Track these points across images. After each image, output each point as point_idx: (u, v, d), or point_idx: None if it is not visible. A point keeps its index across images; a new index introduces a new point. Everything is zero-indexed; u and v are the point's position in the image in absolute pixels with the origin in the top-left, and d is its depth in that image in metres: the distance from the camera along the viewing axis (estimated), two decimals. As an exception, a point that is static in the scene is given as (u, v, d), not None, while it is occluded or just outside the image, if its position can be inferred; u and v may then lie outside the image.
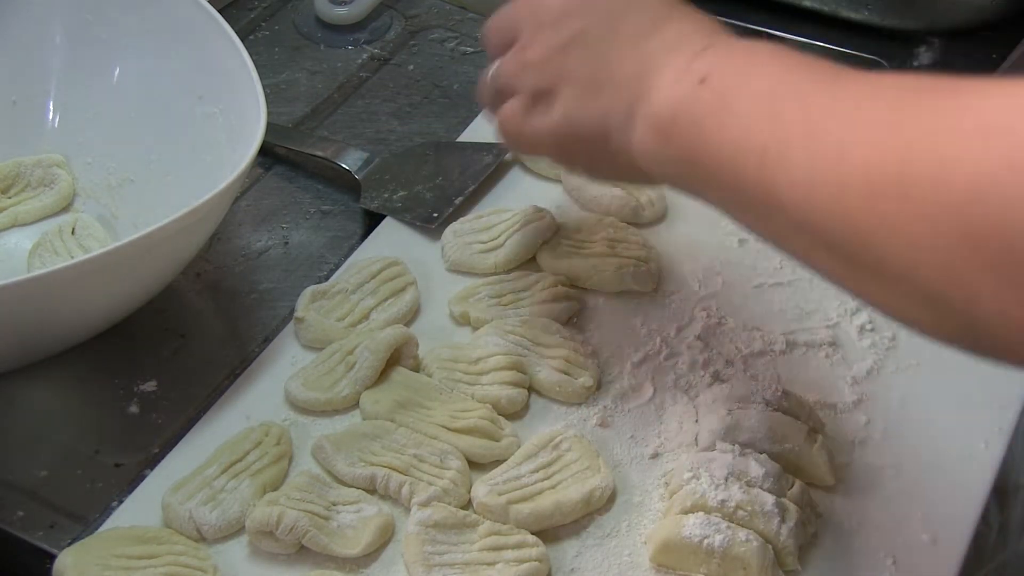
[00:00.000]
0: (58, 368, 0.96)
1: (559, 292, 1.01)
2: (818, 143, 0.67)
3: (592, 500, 0.88)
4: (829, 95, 0.70)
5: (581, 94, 0.84)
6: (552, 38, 0.85)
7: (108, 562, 0.82)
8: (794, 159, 0.68)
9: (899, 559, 0.87)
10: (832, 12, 1.43)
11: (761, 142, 0.70)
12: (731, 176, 0.72)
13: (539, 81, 0.86)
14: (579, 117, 0.84)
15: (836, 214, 0.65)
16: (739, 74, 0.76)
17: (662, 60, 0.79)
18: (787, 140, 0.69)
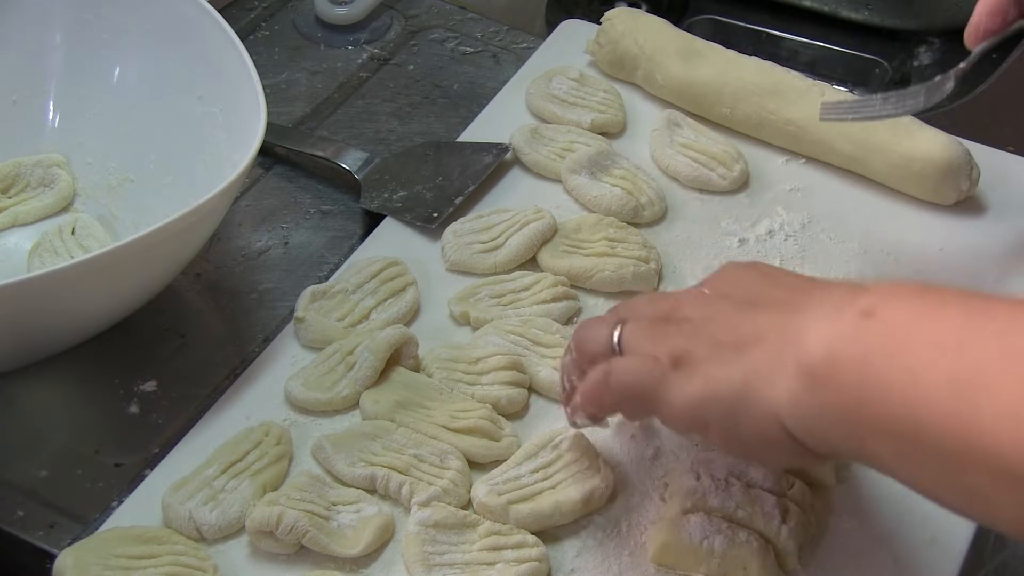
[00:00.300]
0: (58, 368, 0.96)
1: (559, 292, 1.01)
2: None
3: (592, 500, 0.88)
4: (1018, 317, 0.64)
5: (724, 358, 0.75)
6: (693, 311, 0.79)
7: (108, 562, 0.82)
8: (999, 391, 0.61)
9: (899, 559, 0.87)
10: (832, 12, 1.43)
11: (950, 375, 0.64)
12: (904, 418, 0.65)
13: (678, 346, 0.77)
14: (719, 380, 0.75)
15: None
16: (913, 307, 0.68)
17: (814, 305, 0.73)
18: (988, 370, 0.63)
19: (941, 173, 1.09)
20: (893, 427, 0.67)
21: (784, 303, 0.75)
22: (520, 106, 1.19)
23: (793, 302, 0.75)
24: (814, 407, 0.71)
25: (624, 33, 1.20)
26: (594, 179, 1.09)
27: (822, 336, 0.70)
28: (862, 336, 0.68)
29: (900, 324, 0.68)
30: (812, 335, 0.71)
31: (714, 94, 1.16)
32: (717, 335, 0.76)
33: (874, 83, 1.37)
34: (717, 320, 0.77)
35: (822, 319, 0.71)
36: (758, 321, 0.75)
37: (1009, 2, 0.97)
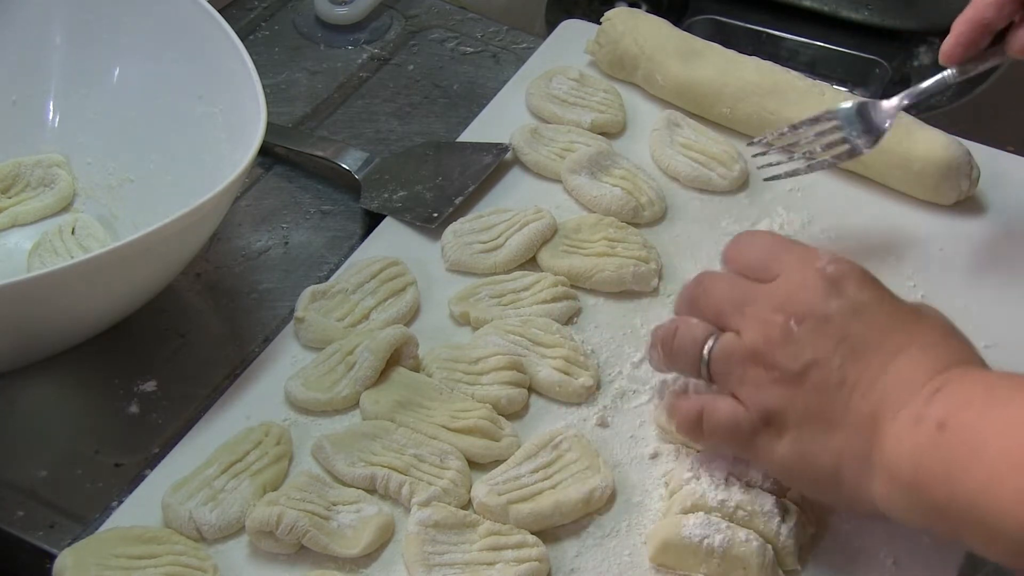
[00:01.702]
0: (58, 368, 0.96)
1: (559, 292, 1.01)
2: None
3: (592, 500, 0.88)
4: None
5: (812, 430, 0.81)
6: (785, 361, 0.82)
7: (108, 562, 0.82)
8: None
9: (899, 559, 0.87)
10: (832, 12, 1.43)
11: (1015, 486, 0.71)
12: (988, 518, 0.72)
13: (768, 403, 0.83)
14: (811, 454, 0.82)
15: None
16: (979, 414, 0.75)
17: (895, 401, 0.78)
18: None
19: (941, 173, 1.09)
20: (980, 525, 0.74)
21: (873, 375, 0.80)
22: (520, 106, 1.19)
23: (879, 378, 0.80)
24: (907, 506, 0.78)
25: (624, 33, 1.20)
26: (594, 179, 1.09)
27: (906, 448, 0.77)
28: (938, 450, 0.75)
29: (968, 437, 0.74)
30: (897, 447, 0.78)
31: (714, 94, 1.16)
32: (808, 404, 0.82)
33: (874, 83, 1.37)
34: (807, 383, 0.82)
35: (906, 429, 0.77)
36: (848, 396, 0.80)
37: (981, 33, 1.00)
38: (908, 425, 0.77)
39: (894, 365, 0.80)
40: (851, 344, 0.81)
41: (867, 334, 0.81)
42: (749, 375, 0.83)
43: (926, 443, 0.76)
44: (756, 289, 0.86)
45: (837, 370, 0.81)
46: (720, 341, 0.85)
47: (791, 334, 0.82)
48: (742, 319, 0.85)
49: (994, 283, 1.05)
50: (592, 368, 0.96)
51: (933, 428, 0.76)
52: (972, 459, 0.73)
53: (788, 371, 0.82)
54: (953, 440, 0.75)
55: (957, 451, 0.74)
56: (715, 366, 0.85)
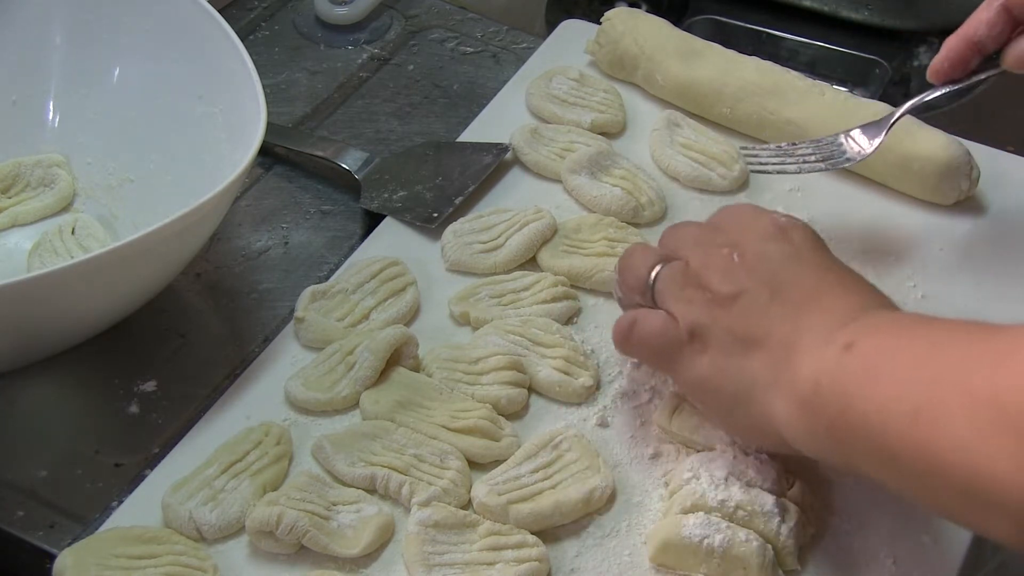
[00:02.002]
0: (58, 368, 0.96)
1: (559, 292, 1.01)
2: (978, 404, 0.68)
3: (592, 500, 0.88)
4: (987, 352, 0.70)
5: (732, 349, 0.84)
6: (719, 285, 0.86)
7: (108, 562, 0.82)
8: (953, 421, 0.69)
9: (899, 559, 0.87)
10: (832, 12, 1.43)
11: (913, 405, 0.71)
12: (880, 442, 0.73)
13: (697, 319, 0.86)
14: (727, 372, 0.85)
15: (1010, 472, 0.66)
16: (886, 341, 0.77)
17: (812, 329, 0.81)
18: (943, 402, 0.70)
19: (941, 173, 1.09)
20: (872, 451, 0.75)
21: (796, 306, 0.84)
22: (520, 106, 1.19)
23: (800, 311, 0.83)
24: (805, 427, 0.80)
25: (624, 33, 1.20)
26: (594, 179, 1.09)
27: (811, 367, 0.79)
28: (841, 369, 0.77)
29: (872, 359, 0.76)
30: (804, 365, 0.80)
31: (714, 94, 1.16)
32: (732, 324, 0.85)
33: (874, 83, 1.37)
34: (735, 306, 0.85)
35: (813, 350, 0.80)
36: (770, 322, 0.84)
37: (972, 52, 1.00)
38: (817, 346, 0.79)
39: (817, 302, 0.83)
40: (782, 281, 0.85)
41: (800, 277, 0.85)
42: (685, 294, 0.87)
43: (830, 363, 0.78)
44: (715, 232, 0.91)
45: (765, 300, 0.84)
46: (667, 265, 0.90)
47: (731, 264, 0.87)
48: (691, 251, 0.89)
49: (994, 283, 1.05)
50: (592, 368, 0.96)
51: (840, 349, 0.78)
52: (868, 380, 0.75)
53: (719, 293, 0.86)
54: (855, 361, 0.77)
55: (856, 371, 0.76)
56: (659, 285, 0.89)
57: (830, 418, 0.77)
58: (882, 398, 0.74)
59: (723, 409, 0.87)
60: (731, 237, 0.89)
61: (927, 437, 0.70)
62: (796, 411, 0.80)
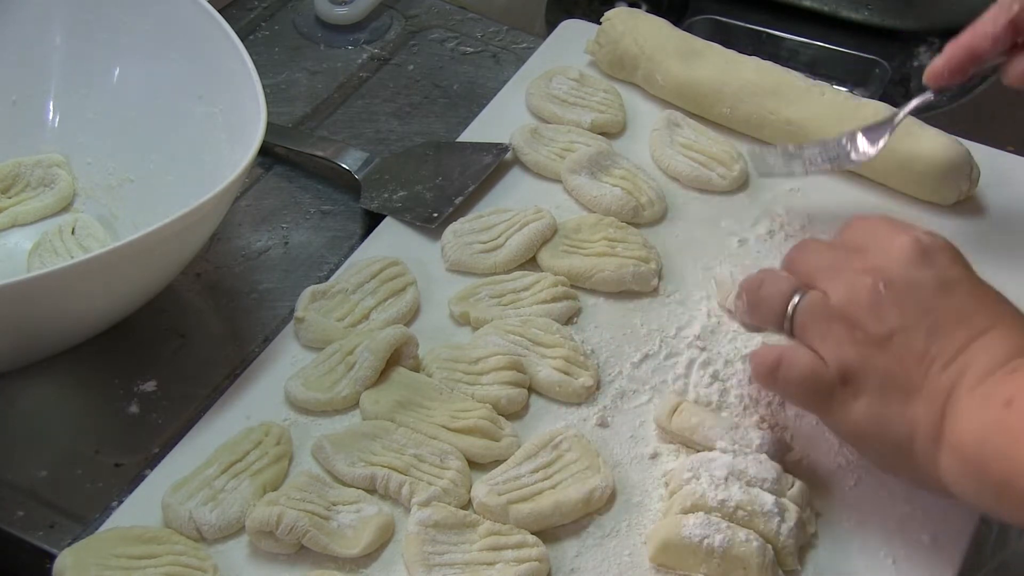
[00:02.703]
0: (58, 368, 0.96)
1: (559, 292, 1.01)
2: None
3: (592, 500, 0.88)
4: None
5: (890, 397, 0.82)
6: (869, 323, 0.83)
7: (108, 562, 0.82)
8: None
9: (899, 559, 0.87)
10: (832, 12, 1.43)
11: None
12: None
13: (848, 361, 0.83)
14: (886, 420, 0.82)
15: None
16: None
17: (972, 378, 0.79)
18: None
19: (941, 173, 1.09)
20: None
21: (955, 347, 0.81)
22: (520, 106, 1.19)
23: (961, 352, 0.81)
24: (970, 483, 0.79)
25: (624, 33, 1.20)
26: (594, 179, 1.09)
27: (972, 422, 0.78)
28: (1004, 426, 0.76)
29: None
30: (964, 421, 0.79)
31: (714, 94, 1.16)
32: (889, 368, 0.82)
33: (874, 83, 1.37)
34: (890, 348, 0.82)
35: (973, 407, 0.78)
36: (928, 366, 0.81)
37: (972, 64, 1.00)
38: (978, 401, 0.78)
39: (976, 343, 0.81)
40: (936, 317, 0.82)
41: (953, 309, 0.82)
42: (833, 331, 0.84)
43: (992, 419, 0.76)
44: (850, 255, 0.87)
45: (921, 341, 0.81)
46: (807, 296, 0.86)
47: (879, 297, 0.83)
48: (830, 280, 0.86)
49: (994, 283, 1.04)
50: (592, 368, 0.96)
51: (1000, 405, 0.76)
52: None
53: (872, 333, 0.82)
54: (1016, 418, 0.75)
55: (1020, 429, 0.75)
56: (799, 318, 0.86)
57: (995, 478, 0.76)
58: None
59: (883, 456, 0.85)
60: (871, 262, 0.85)
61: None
62: (961, 469, 0.79)
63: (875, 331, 0.83)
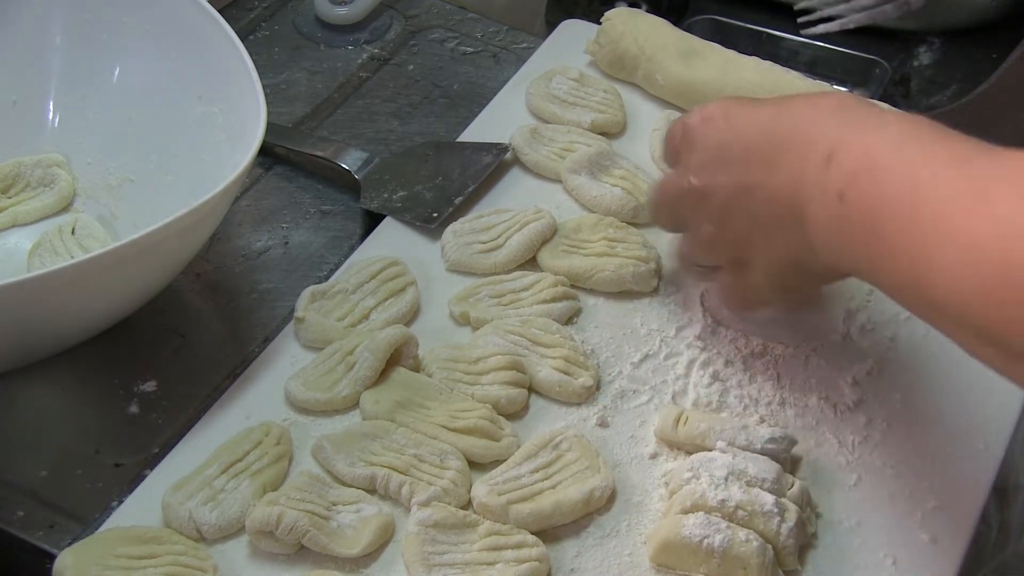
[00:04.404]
0: (58, 368, 0.96)
1: (559, 292, 1.01)
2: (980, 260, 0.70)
3: (592, 500, 0.88)
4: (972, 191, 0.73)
5: (763, 241, 0.89)
6: (717, 209, 0.91)
7: (108, 562, 0.82)
8: (941, 257, 0.71)
9: (899, 559, 0.87)
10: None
11: (909, 258, 0.74)
12: (887, 280, 0.78)
13: (727, 255, 0.93)
14: (770, 257, 0.90)
15: (985, 303, 0.69)
16: (872, 188, 0.78)
17: (801, 183, 0.84)
18: (927, 243, 0.72)
19: (941, 173, 1.09)
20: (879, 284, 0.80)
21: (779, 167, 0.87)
22: (520, 106, 1.19)
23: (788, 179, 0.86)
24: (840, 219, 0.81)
25: (624, 33, 1.20)
26: (594, 179, 1.09)
27: (820, 222, 0.82)
28: (845, 220, 0.80)
29: (866, 201, 0.78)
30: (813, 213, 0.83)
31: (714, 94, 1.16)
32: (746, 230, 0.91)
33: (874, 83, 1.37)
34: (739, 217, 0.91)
35: (816, 200, 0.83)
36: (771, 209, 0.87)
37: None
38: (818, 194, 0.81)
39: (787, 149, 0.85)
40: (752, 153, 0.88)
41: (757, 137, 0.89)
42: (701, 239, 0.95)
43: (832, 216, 0.80)
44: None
45: (752, 186, 0.87)
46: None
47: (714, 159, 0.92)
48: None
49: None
50: (592, 368, 0.96)
51: (835, 199, 0.80)
52: (870, 235, 0.77)
53: (721, 218, 0.91)
54: (850, 211, 0.79)
55: (856, 221, 0.78)
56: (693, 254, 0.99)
57: (852, 261, 0.81)
58: (886, 253, 0.76)
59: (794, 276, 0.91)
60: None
61: (923, 277, 0.73)
62: (824, 250, 0.83)
63: (722, 210, 0.91)
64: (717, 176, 0.90)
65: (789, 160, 0.84)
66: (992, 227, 0.69)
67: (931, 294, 0.73)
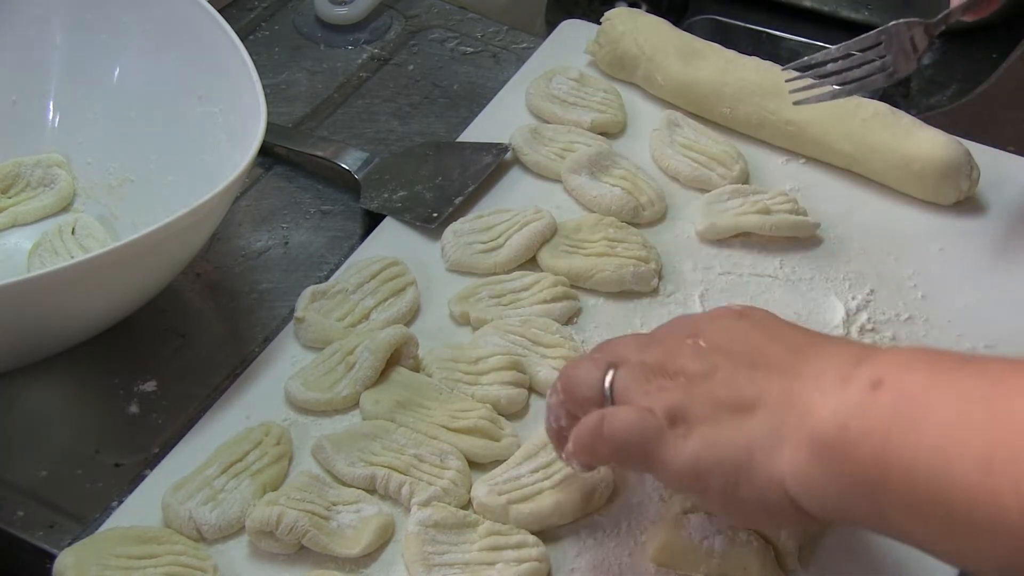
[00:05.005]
0: (58, 368, 0.96)
1: (559, 292, 1.01)
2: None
3: (592, 500, 0.88)
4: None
5: (722, 419, 0.73)
6: (691, 365, 0.76)
7: (108, 562, 0.82)
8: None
9: (899, 559, 0.87)
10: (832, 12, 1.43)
11: (982, 448, 0.62)
12: (937, 493, 0.64)
13: (674, 402, 0.75)
14: (720, 444, 0.73)
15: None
16: (926, 376, 0.67)
17: (816, 377, 0.71)
18: (1016, 441, 0.61)
19: (941, 173, 1.09)
20: (919, 501, 0.66)
21: (784, 366, 0.74)
22: (520, 106, 1.19)
23: (794, 366, 0.73)
24: (824, 478, 0.70)
25: (624, 33, 1.20)
26: (594, 179, 1.09)
27: (832, 408, 0.69)
28: (877, 409, 0.68)
29: (917, 396, 0.67)
30: (821, 407, 0.69)
31: (714, 94, 1.16)
32: (716, 393, 0.74)
33: (874, 83, 1.38)
34: (715, 378, 0.75)
35: (830, 390, 0.70)
36: (758, 383, 0.73)
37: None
38: (837, 386, 0.69)
39: (812, 353, 0.74)
40: (760, 349, 0.76)
41: (778, 342, 0.76)
42: (654, 385, 0.76)
43: (857, 402, 0.68)
44: (658, 337, 0.81)
45: (747, 367, 0.74)
46: (623, 366, 0.79)
47: (698, 348, 0.77)
48: (645, 350, 0.79)
49: (994, 283, 1.05)
50: (592, 368, 0.96)
51: (867, 386, 0.68)
52: (920, 421, 0.65)
53: (694, 373, 0.75)
54: (891, 399, 0.67)
55: (900, 412, 0.66)
56: (618, 386, 0.78)
57: (861, 466, 0.67)
58: (937, 445, 0.64)
59: (723, 490, 0.74)
60: (686, 329, 0.79)
61: (1002, 489, 0.61)
62: (810, 460, 0.70)
63: (697, 369, 0.75)
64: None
65: (812, 354, 0.74)
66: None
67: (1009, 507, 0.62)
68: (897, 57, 1.01)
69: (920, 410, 0.66)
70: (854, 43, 1.02)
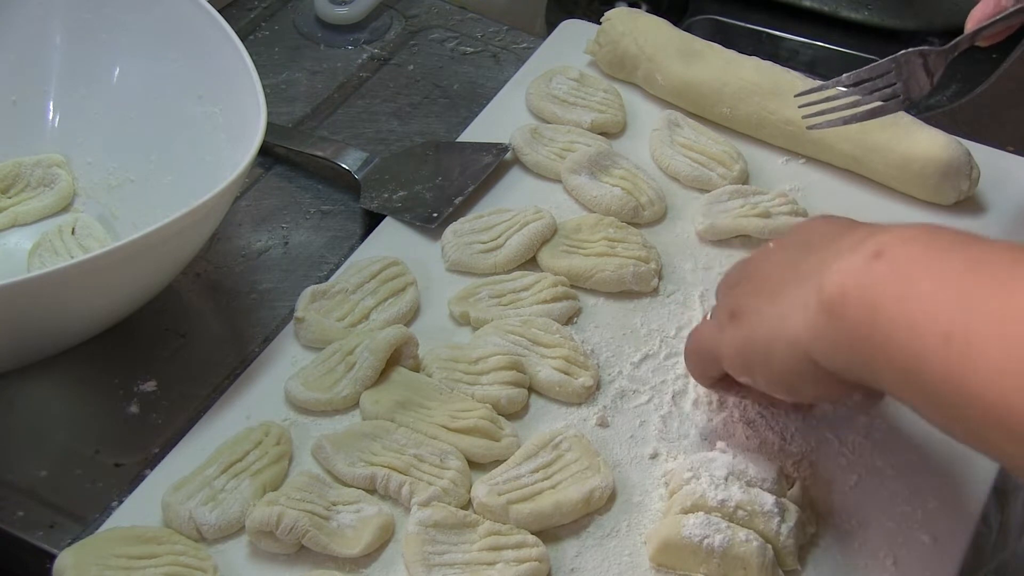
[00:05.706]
0: (58, 368, 0.96)
1: (559, 292, 1.01)
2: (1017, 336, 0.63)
3: (592, 500, 0.88)
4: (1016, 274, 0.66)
5: (762, 302, 0.82)
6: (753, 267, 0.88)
7: (108, 562, 0.82)
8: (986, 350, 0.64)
9: (899, 559, 0.87)
10: (832, 12, 1.43)
11: (945, 326, 0.66)
12: (907, 362, 0.69)
13: (738, 298, 0.85)
14: (758, 320, 0.82)
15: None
16: (919, 251, 0.72)
17: (840, 247, 0.77)
18: (979, 327, 0.65)
19: (941, 173, 1.09)
20: (897, 364, 0.70)
21: (826, 242, 0.80)
22: (520, 106, 1.19)
23: (833, 241, 0.79)
24: (831, 337, 0.75)
25: (624, 33, 1.20)
26: (594, 179, 1.10)
27: (837, 273, 0.74)
28: (871, 276, 0.72)
29: (904, 269, 0.71)
30: (833, 272, 0.75)
31: (714, 94, 1.16)
32: (764, 286, 0.83)
33: (874, 83, 1.38)
34: (770, 272, 0.84)
35: (839, 257, 0.75)
36: (799, 268, 0.80)
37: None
38: (845, 253, 0.75)
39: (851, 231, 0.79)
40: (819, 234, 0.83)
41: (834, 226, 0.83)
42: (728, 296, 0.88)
43: (857, 269, 0.73)
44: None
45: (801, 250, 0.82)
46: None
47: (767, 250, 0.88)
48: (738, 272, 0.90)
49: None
50: (592, 368, 0.96)
51: (869, 255, 0.73)
52: (897, 292, 0.70)
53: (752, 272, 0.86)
54: (884, 270, 0.72)
55: (888, 281, 0.71)
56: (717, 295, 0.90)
57: (855, 326, 0.73)
58: (912, 315, 0.69)
59: (765, 363, 0.81)
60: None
61: (958, 363, 0.65)
62: (820, 319, 0.75)
63: (759, 271, 0.85)
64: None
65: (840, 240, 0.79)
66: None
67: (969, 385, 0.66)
68: (908, 83, 1.02)
69: (905, 283, 0.71)
70: (865, 71, 1.03)
